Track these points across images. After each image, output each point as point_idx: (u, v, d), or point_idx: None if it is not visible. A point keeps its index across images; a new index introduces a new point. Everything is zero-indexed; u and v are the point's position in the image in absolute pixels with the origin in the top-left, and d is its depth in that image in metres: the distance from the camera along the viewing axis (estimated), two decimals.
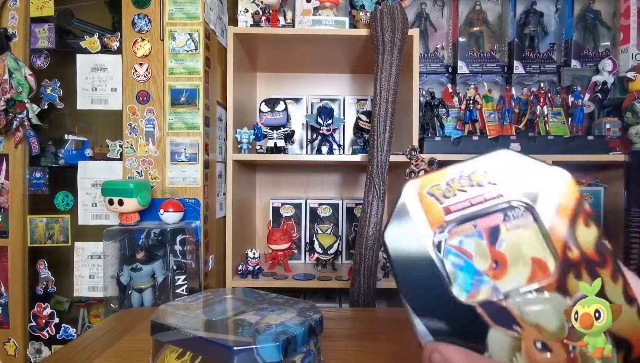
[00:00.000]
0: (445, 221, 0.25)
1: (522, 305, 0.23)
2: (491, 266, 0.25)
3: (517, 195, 0.25)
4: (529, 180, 0.25)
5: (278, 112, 1.14)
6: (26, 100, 1.03)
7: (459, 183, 0.26)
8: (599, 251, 0.23)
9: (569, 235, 0.24)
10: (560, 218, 0.24)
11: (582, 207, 0.24)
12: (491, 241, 0.25)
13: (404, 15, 1.04)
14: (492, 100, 1.32)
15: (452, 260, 0.25)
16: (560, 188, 0.25)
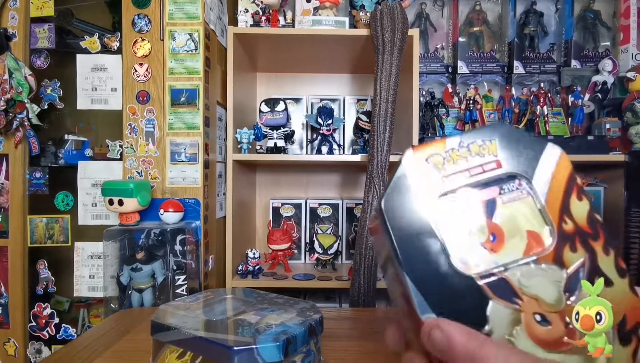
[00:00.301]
0: (445, 189, 0.25)
1: (521, 277, 0.23)
2: (488, 238, 0.25)
3: (513, 168, 0.25)
4: (524, 154, 0.26)
5: (278, 112, 1.14)
6: (26, 100, 1.03)
7: (459, 153, 0.26)
8: (591, 224, 0.24)
9: (563, 208, 0.24)
10: (555, 192, 0.25)
11: (575, 181, 0.25)
12: (488, 214, 0.25)
13: (404, 15, 1.04)
14: (492, 100, 1.32)
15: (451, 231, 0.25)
16: (553, 163, 0.25)
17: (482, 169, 0.25)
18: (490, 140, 0.26)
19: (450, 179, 0.25)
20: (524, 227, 0.24)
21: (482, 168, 0.25)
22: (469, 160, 0.26)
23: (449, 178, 0.25)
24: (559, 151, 0.26)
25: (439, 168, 0.26)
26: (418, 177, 0.26)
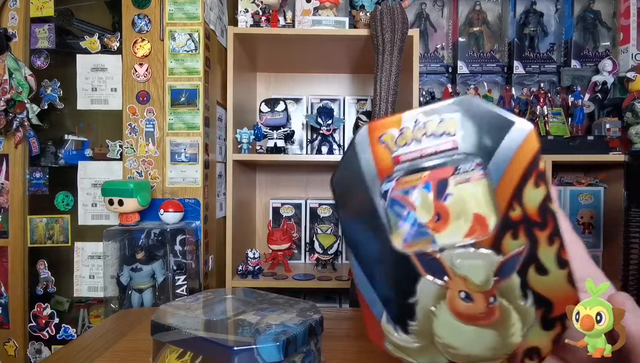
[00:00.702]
0: (395, 170, 0.25)
1: (454, 258, 0.24)
2: (433, 218, 0.25)
3: (471, 148, 0.24)
4: (488, 132, 0.24)
5: (278, 112, 1.14)
6: (26, 100, 1.03)
7: (413, 133, 0.25)
8: (541, 213, 0.23)
9: (516, 193, 0.23)
10: (510, 175, 0.24)
11: (536, 166, 0.23)
12: (438, 194, 0.25)
13: (404, 15, 1.04)
14: (492, 100, 1.32)
15: (396, 210, 0.25)
16: (516, 144, 0.23)
17: (435, 150, 0.24)
18: (451, 116, 0.24)
19: (401, 159, 0.25)
20: (472, 210, 0.24)
21: (436, 148, 0.24)
22: (423, 141, 0.24)
23: (400, 158, 0.25)
24: (526, 131, 0.23)
25: (391, 147, 0.25)
26: (369, 156, 0.25)
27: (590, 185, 1.31)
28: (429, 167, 0.25)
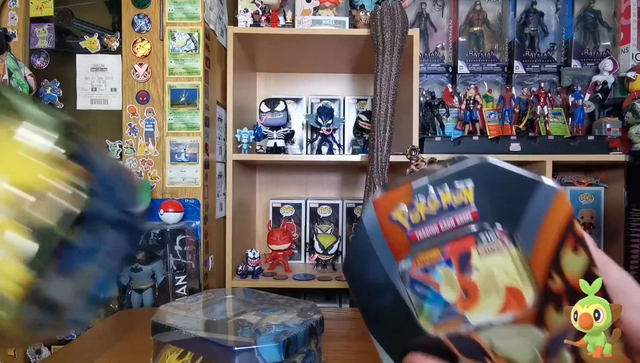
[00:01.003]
0: (411, 249, 0.23)
1: (493, 338, 0.22)
2: (460, 296, 0.23)
3: (494, 215, 0.22)
4: (510, 196, 0.22)
5: (278, 112, 1.14)
6: None
7: (427, 207, 0.22)
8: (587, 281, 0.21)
9: (553, 262, 0.21)
10: (544, 242, 0.21)
11: (572, 229, 0.21)
12: (461, 269, 0.23)
13: (404, 15, 1.04)
14: (492, 100, 1.32)
15: (418, 291, 0.23)
16: (546, 207, 0.21)
17: (454, 223, 0.22)
18: (465, 185, 0.22)
19: (418, 237, 0.22)
20: (503, 282, 0.22)
21: (455, 221, 0.22)
22: (438, 214, 0.22)
23: (416, 236, 0.23)
24: (554, 192, 0.21)
25: (405, 225, 0.23)
26: (382, 238, 0.23)
27: (591, 185, 1.31)
28: (448, 240, 0.22)
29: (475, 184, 0.22)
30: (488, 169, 0.22)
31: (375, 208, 0.23)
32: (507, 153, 1.14)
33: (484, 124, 1.26)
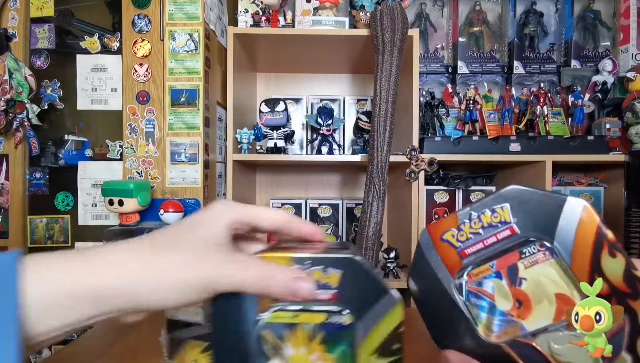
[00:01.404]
0: (463, 264, 0.26)
1: (551, 343, 0.23)
2: (514, 305, 0.25)
3: (531, 230, 0.25)
4: (542, 214, 0.25)
5: (278, 112, 1.14)
6: (26, 100, 1.03)
7: (470, 226, 0.26)
8: (629, 282, 0.22)
9: (594, 267, 0.23)
10: (581, 250, 0.24)
11: (605, 236, 0.23)
12: (511, 281, 0.25)
13: (404, 15, 1.04)
14: (492, 100, 1.32)
15: (475, 302, 0.26)
16: (575, 219, 0.24)
17: (495, 238, 0.26)
18: (501, 207, 0.26)
19: (466, 252, 0.26)
20: (552, 291, 0.24)
21: (496, 237, 0.26)
22: (481, 232, 0.26)
23: (465, 252, 0.26)
24: (581, 206, 0.24)
25: (455, 244, 0.27)
26: (436, 256, 0.27)
27: (590, 185, 1.31)
28: (495, 255, 0.26)
29: (511, 205, 0.26)
30: (518, 193, 0.26)
31: (429, 232, 0.28)
32: (506, 153, 1.14)
33: (483, 124, 1.26)
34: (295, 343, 0.26)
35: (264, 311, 0.26)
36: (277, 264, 0.26)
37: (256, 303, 0.26)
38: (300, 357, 0.26)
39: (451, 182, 1.28)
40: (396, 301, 0.26)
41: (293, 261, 0.26)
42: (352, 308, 0.26)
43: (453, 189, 1.29)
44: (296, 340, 0.26)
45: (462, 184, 1.28)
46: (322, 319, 0.26)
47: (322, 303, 0.26)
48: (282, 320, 0.26)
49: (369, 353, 0.26)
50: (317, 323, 0.26)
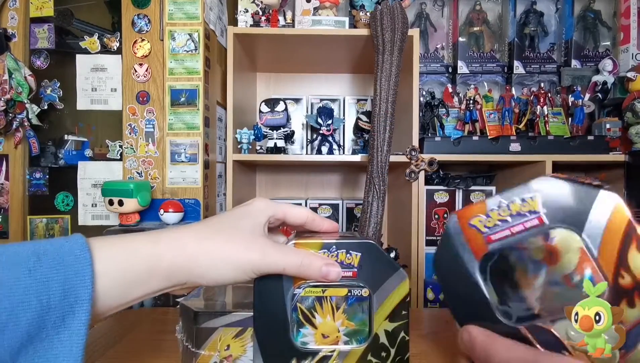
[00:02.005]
0: (489, 249, 0.28)
1: (570, 331, 0.24)
2: (546, 255, 0.27)
3: (558, 222, 0.26)
4: (572, 206, 0.25)
5: (278, 112, 1.14)
6: (26, 100, 1.03)
7: (499, 214, 0.28)
8: None
9: (620, 261, 0.24)
10: (609, 244, 0.24)
11: (635, 231, 0.24)
12: (544, 238, 0.27)
13: (404, 15, 1.04)
14: (492, 100, 1.32)
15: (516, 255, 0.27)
16: (607, 213, 0.25)
17: (523, 226, 0.27)
18: (531, 197, 0.27)
19: (492, 238, 0.28)
20: (577, 245, 0.25)
21: (524, 225, 0.27)
22: (509, 220, 0.27)
23: (491, 238, 0.28)
24: (614, 201, 0.25)
25: (482, 229, 0.28)
26: (463, 239, 0.29)
27: None
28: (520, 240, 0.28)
29: (542, 196, 0.27)
30: (551, 183, 0.26)
31: (458, 217, 0.29)
32: (506, 153, 1.14)
33: (483, 124, 1.26)
34: (323, 313, 0.33)
35: (298, 287, 0.32)
36: (310, 250, 0.32)
37: (292, 280, 0.32)
38: (328, 324, 0.33)
39: (451, 182, 1.28)
40: (404, 277, 0.33)
41: (323, 246, 0.32)
42: (369, 282, 0.32)
43: (453, 189, 1.29)
44: (324, 311, 0.33)
45: (462, 184, 1.28)
46: (345, 293, 0.33)
47: (345, 279, 0.32)
48: (313, 294, 0.33)
49: (382, 318, 0.32)
50: (341, 296, 0.33)
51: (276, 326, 0.32)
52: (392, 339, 0.33)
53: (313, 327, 0.33)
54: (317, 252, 0.32)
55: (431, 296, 1.18)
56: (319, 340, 0.33)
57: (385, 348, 0.33)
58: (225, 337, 0.37)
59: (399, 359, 0.33)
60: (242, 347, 0.37)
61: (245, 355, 0.37)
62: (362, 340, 0.33)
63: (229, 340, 0.37)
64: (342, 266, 0.32)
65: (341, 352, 0.33)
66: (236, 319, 0.38)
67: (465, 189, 1.30)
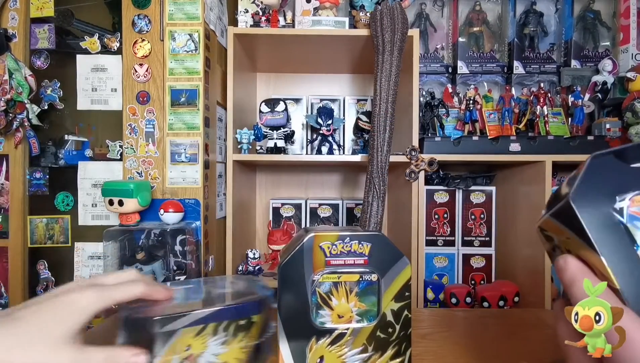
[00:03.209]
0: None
1: None
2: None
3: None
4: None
5: (278, 112, 1.14)
6: (26, 100, 1.03)
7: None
8: None
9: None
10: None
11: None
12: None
13: (404, 15, 1.04)
14: (492, 100, 1.32)
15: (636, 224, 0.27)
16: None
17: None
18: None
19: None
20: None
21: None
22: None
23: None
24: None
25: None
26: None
27: None
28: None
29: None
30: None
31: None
32: (506, 153, 1.14)
33: (483, 125, 1.26)
34: (338, 296, 0.39)
35: (317, 273, 0.39)
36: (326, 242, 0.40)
37: (312, 267, 0.38)
38: (342, 305, 0.39)
39: (451, 182, 1.28)
40: (407, 263, 0.39)
41: (339, 238, 0.39)
42: (378, 269, 0.39)
43: (453, 189, 1.29)
44: (339, 294, 0.39)
45: (462, 184, 1.28)
46: (357, 278, 0.39)
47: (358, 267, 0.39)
48: (330, 280, 0.39)
49: (389, 299, 0.39)
50: (354, 281, 0.39)
51: (298, 308, 0.38)
52: (397, 317, 0.39)
53: (330, 308, 0.39)
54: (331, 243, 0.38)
55: (431, 296, 1.18)
56: (335, 319, 0.39)
57: (391, 325, 0.39)
58: (186, 337, 0.37)
59: (402, 334, 0.39)
60: (203, 343, 0.38)
61: (207, 351, 0.38)
62: (372, 318, 0.39)
63: (190, 340, 0.37)
64: (355, 255, 0.38)
65: (354, 329, 0.38)
66: (196, 318, 0.37)
67: (465, 189, 1.30)
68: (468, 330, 0.62)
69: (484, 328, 0.64)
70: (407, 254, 1.17)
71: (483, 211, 1.31)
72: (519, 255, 1.23)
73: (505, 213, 1.30)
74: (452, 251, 1.30)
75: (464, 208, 1.30)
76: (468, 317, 0.69)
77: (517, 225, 1.24)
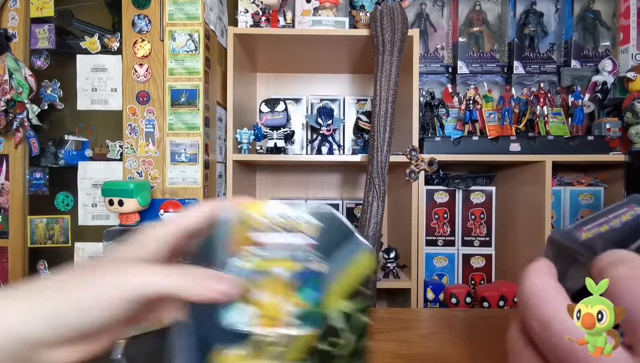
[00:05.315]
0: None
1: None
2: None
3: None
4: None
5: (278, 112, 1.14)
6: (26, 100, 1.03)
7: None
8: None
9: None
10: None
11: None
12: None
13: (404, 15, 1.04)
14: (492, 100, 1.32)
15: None
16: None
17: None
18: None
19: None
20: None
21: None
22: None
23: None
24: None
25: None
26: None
27: (591, 185, 1.31)
28: None
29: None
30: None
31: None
32: (506, 153, 1.14)
33: (483, 125, 1.26)
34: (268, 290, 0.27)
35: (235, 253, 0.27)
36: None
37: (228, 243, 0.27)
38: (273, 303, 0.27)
39: (451, 182, 1.28)
40: (368, 250, 0.27)
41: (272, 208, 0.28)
42: (327, 256, 0.27)
43: (453, 189, 1.29)
44: (268, 287, 0.27)
45: (462, 184, 1.28)
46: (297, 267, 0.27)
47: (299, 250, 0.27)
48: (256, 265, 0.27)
49: (339, 298, 0.27)
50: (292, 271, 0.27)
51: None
52: (350, 322, 0.27)
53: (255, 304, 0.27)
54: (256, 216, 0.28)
55: (431, 297, 1.18)
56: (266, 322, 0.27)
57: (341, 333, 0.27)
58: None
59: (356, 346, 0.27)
60: None
61: None
62: (315, 323, 0.27)
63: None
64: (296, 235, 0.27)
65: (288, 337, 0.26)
66: None
67: (465, 189, 1.30)
68: (468, 330, 0.62)
69: (484, 328, 0.64)
70: (407, 254, 1.18)
71: (483, 211, 1.31)
72: (519, 255, 1.23)
73: (505, 213, 1.30)
74: (452, 251, 1.30)
75: (464, 208, 1.30)
76: (468, 317, 0.69)
77: (517, 225, 1.24)
